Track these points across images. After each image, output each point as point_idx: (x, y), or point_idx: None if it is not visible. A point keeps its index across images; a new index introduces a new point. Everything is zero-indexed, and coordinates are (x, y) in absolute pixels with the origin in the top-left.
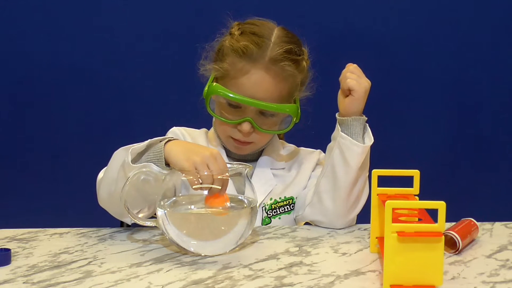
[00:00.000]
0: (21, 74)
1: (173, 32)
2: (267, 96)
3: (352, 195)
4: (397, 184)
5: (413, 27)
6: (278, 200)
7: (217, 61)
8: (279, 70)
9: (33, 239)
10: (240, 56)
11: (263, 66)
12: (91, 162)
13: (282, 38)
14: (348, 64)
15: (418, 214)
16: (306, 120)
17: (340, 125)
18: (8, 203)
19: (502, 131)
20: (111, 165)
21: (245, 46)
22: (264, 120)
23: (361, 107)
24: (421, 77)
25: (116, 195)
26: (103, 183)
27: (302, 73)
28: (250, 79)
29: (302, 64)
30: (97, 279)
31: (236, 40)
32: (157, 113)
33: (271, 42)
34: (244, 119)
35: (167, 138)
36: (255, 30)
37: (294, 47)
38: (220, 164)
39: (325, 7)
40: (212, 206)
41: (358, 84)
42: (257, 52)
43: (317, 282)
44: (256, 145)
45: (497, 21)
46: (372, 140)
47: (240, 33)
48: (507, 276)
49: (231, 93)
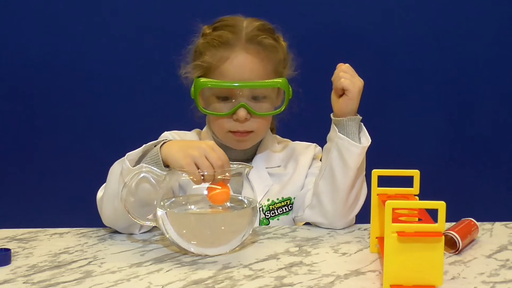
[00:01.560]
0: (21, 74)
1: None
2: (254, 75)
3: (351, 195)
4: (397, 184)
5: (413, 26)
6: (276, 201)
7: (196, 60)
8: (259, 46)
9: (33, 239)
10: (217, 46)
11: (241, 48)
12: (91, 162)
13: (253, 21)
14: (339, 64)
15: (418, 214)
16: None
17: (336, 126)
18: (8, 203)
19: (502, 131)
20: (109, 180)
21: (219, 35)
22: (258, 104)
23: (355, 106)
24: (421, 77)
25: (121, 209)
26: (105, 201)
27: (283, 49)
28: (233, 63)
29: (280, 41)
30: (97, 279)
31: (209, 35)
32: (150, 117)
33: (243, 27)
34: (238, 105)
35: (161, 141)
36: (225, 23)
37: (265, 24)
38: (218, 152)
39: (322, 6)
40: (216, 200)
41: (352, 84)
42: (232, 37)
43: (317, 282)
44: (256, 134)
45: (497, 20)
46: (369, 140)
47: (212, 30)
48: (507, 276)
49: (218, 82)
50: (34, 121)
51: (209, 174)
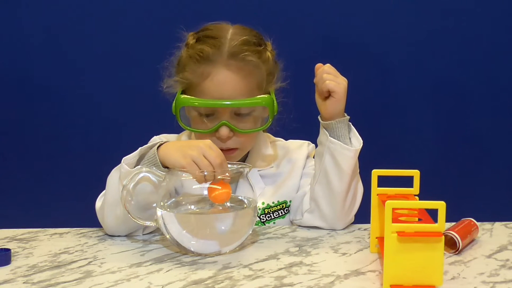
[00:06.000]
0: (22, 74)
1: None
2: (235, 93)
3: (349, 197)
4: (397, 184)
5: (412, 27)
6: (271, 205)
7: (178, 74)
8: (241, 63)
9: (33, 239)
10: (198, 61)
11: (222, 64)
12: (91, 162)
13: (237, 33)
14: (318, 64)
15: (418, 214)
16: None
17: (326, 129)
18: (8, 203)
19: (503, 131)
20: (108, 187)
21: (201, 49)
22: (241, 120)
23: (342, 107)
24: (421, 77)
25: (122, 216)
26: (106, 210)
27: (267, 63)
28: (213, 80)
29: (265, 54)
30: (97, 279)
31: (191, 48)
32: (148, 118)
33: (227, 40)
34: (220, 123)
35: (157, 143)
36: (209, 34)
37: (251, 37)
38: (215, 151)
39: (320, 7)
40: (217, 199)
41: (337, 85)
42: (213, 53)
43: (317, 282)
44: (241, 150)
45: (497, 20)
46: (360, 140)
47: (196, 41)
48: (507, 276)
49: (197, 101)
50: (34, 121)
51: (209, 173)
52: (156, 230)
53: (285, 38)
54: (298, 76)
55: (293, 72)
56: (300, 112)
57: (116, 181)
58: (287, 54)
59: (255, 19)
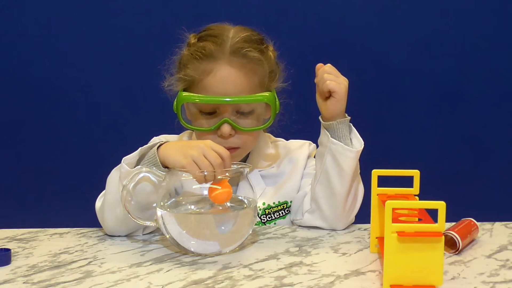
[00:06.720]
0: (22, 74)
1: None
2: (237, 90)
3: (350, 198)
4: (397, 184)
5: (412, 27)
6: (272, 205)
7: (180, 72)
8: (243, 59)
9: (33, 239)
10: (200, 58)
11: (225, 61)
12: (91, 162)
13: (240, 31)
14: (319, 64)
15: (418, 214)
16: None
17: (327, 130)
18: (8, 203)
19: (503, 131)
20: (108, 188)
21: (203, 47)
22: (243, 119)
23: (343, 107)
24: (421, 77)
25: (122, 216)
26: (106, 210)
27: (269, 61)
28: (216, 77)
29: (268, 53)
30: (97, 279)
31: (193, 46)
32: (148, 118)
33: (229, 37)
34: (222, 121)
35: (157, 143)
36: (211, 33)
37: (253, 35)
38: (218, 150)
39: (318, 8)
40: (218, 199)
41: (338, 85)
42: (216, 49)
43: (317, 282)
44: (243, 150)
45: (497, 20)
46: (361, 141)
47: (197, 40)
48: (507, 276)
49: (198, 97)
50: (34, 121)
51: (209, 173)
52: (156, 230)
53: (286, 39)
54: (299, 78)
55: (294, 73)
56: (301, 114)
57: (116, 181)
58: (288, 55)
59: (257, 21)
